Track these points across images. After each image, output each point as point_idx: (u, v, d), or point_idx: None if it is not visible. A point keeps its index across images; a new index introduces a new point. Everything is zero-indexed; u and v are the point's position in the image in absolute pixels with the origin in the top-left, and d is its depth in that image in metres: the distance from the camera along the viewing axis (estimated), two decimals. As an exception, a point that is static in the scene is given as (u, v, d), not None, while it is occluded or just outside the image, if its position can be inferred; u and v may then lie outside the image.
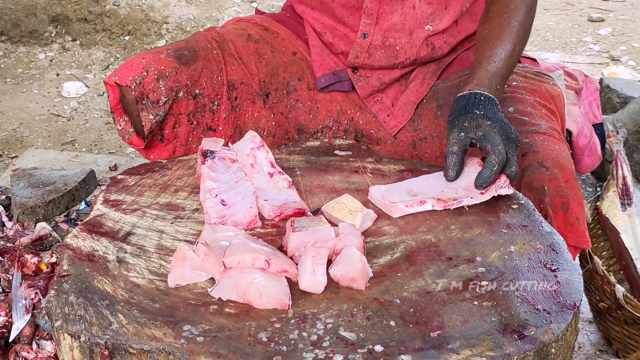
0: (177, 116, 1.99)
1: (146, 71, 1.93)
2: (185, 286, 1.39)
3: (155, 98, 1.94)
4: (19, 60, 4.67)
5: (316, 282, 1.36)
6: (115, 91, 1.95)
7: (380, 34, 2.05)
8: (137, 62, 1.95)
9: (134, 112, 1.95)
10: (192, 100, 2.00)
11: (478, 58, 1.89)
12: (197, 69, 2.00)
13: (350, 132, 2.10)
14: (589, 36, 4.88)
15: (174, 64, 1.97)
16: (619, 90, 3.29)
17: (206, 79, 2.02)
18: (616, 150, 2.41)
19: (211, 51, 2.06)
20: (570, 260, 1.41)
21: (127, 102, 1.95)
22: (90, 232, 1.56)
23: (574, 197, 1.72)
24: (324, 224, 1.48)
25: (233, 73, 2.07)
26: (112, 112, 1.98)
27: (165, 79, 1.94)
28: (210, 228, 1.50)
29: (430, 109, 2.05)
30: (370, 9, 2.04)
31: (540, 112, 1.93)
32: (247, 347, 1.22)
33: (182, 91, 1.97)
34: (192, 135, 2.03)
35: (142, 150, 2.03)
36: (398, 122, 2.07)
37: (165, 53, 1.99)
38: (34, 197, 2.82)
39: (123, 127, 1.97)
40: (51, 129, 3.85)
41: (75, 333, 1.27)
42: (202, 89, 2.01)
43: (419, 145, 2.03)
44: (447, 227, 1.55)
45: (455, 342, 1.21)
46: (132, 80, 1.92)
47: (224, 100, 2.04)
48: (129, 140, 1.99)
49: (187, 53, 2.02)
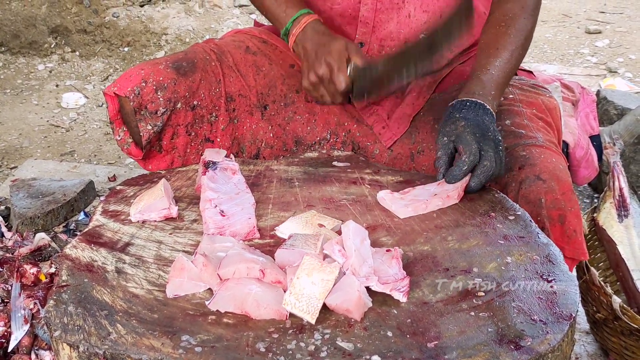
0: (175, 127, 2.00)
1: (145, 82, 1.94)
2: (183, 296, 1.40)
3: (154, 109, 1.95)
4: (19, 71, 4.69)
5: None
6: (115, 102, 1.96)
7: (376, 43, 2.07)
8: (135, 73, 1.97)
9: (132, 123, 1.96)
10: (191, 112, 2.01)
11: (474, 67, 1.92)
12: (195, 80, 2.02)
13: (347, 144, 2.11)
14: (586, 48, 4.90)
15: (173, 75, 1.98)
16: (616, 102, 3.30)
17: (204, 90, 2.03)
18: (613, 162, 2.42)
19: (209, 63, 2.08)
20: (566, 271, 1.42)
21: (125, 112, 1.96)
22: (89, 243, 1.57)
23: (571, 209, 1.73)
24: (316, 246, 1.45)
25: (231, 85, 2.09)
26: (111, 123, 1.99)
27: (163, 90, 1.95)
28: (208, 239, 1.51)
29: (428, 122, 2.06)
30: (367, 17, 2.06)
31: (537, 124, 1.94)
32: (245, 357, 1.22)
33: (180, 102, 1.98)
34: (190, 146, 2.04)
35: (141, 160, 2.04)
36: (393, 134, 2.08)
37: (164, 64, 2.00)
38: (33, 208, 2.83)
39: (122, 137, 1.99)
40: (50, 139, 3.86)
41: (74, 343, 1.27)
42: (200, 100, 2.02)
43: (416, 158, 2.04)
44: (444, 238, 1.55)
45: (452, 352, 1.22)
46: (131, 91, 1.93)
47: (222, 111, 2.05)
48: (128, 150, 2.01)
49: (186, 64, 2.03)
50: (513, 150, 1.82)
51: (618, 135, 2.73)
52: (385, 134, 2.09)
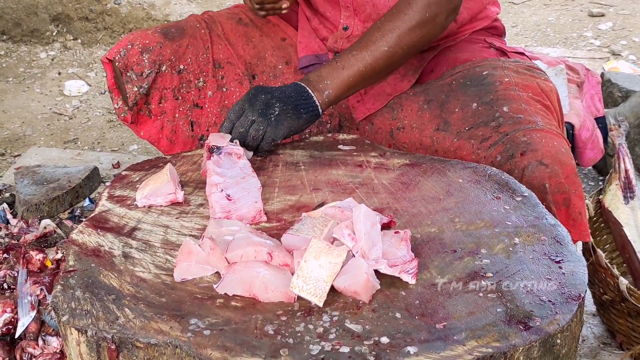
0: (162, 91, 2.07)
1: (131, 44, 2.04)
2: (191, 280, 1.40)
3: (139, 70, 2.03)
4: (21, 59, 4.68)
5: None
6: (111, 70, 2.07)
7: (360, 25, 2.09)
8: (125, 38, 2.07)
9: (122, 86, 2.03)
10: (177, 75, 2.08)
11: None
12: (182, 45, 2.09)
13: (334, 116, 2.15)
14: (590, 31, 4.88)
15: (159, 39, 2.07)
16: (620, 84, 3.29)
17: (191, 55, 2.11)
18: (618, 144, 2.41)
19: (199, 30, 2.16)
20: (574, 252, 1.42)
21: (116, 76, 2.02)
22: (96, 228, 1.57)
23: (575, 192, 1.73)
24: (322, 232, 1.45)
25: (219, 52, 2.14)
26: (110, 92, 2.12)
27: (149, 52, 2.03)
28: (215, 223, 1.51)
29: (416, 101, 2.05)
30: (346, 1, 2.09)
31: (535, 107, 1.92)
32: (253, 339, 1.22)
33: (165, 65, 2.06)
34: (178, 111, 2.10)
35: (133, 125, 2.11)
36: (367, 109, 2.10)
37: (152, 30, 2.10)
38: (38, 195, 2.82)
39: (120, 106, 2.10)
40: (53, 127, 3.86)
41: (82, 328, 1.27)
42: (187, 65, 2.09)
43: (396, 134, 2.04)
44: (451, 220, 1.55)
45: (461, 333, 1.22)
46: (117, 52, 2.02)
47: (209, 77, 2.11)
48: (124, 117, 2.10)
49: (174, 30, 2.12)
50: (513, 136, 1.81)
51: (623, 117, 2.72)
52: (358, 108, 2.11)
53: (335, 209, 1.52)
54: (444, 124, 1.96)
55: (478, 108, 1.92)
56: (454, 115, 1.95)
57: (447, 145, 1.92)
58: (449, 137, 1.93)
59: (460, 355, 1.17)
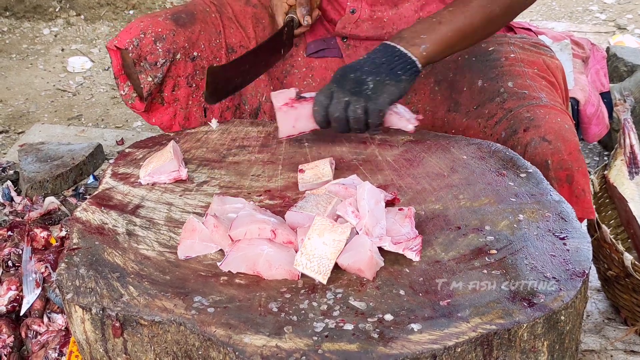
0: (176, 78, 2.03)
1: (144, 34, 1.97)
2: (195, 258, 1.40)
3: (153, 60, 1.97)
4: (24, 35, 4.66)
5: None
6: (118, 56, 2.00)
7: (367, 9, 2.06)
8: (135, 25, 1.99)
9: (133, 75, 1.99)
10: (191, 63, 2.03)
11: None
12: (194, 31, 2.04)
13: None
14: (595, 5, 4.85)
15: (172, 26, 2.01)
16: (626, 58, 3.26)
17: (204, 41, 2.05)
18: (624, 119, 2.40)
19: (209, 14, 2.10)
20: (579, 228, 1.41)
21: (127, 65, 1.99)
22: (100, 205, 1.57)
23: (578, 168, 1.72)
24: (325, 209, 1.43)
25: (231, 36, 2.10)
26: (116, 78, 2.03)
27: (162, 41, 1.97)
28: (219, 200, 1.50)
29: (428, 84, 2.04)
30: None
31: (540, 83, 1.91)
32: (257, 317, 1.22)
33: (179, 53, 2.00)
34: (192, 98, 2.06)
35: (144, 113, 2.07)
36: None
37: (163, 16, 2.03)
38: (42, 172, 2.83)
39: (127, 92, 2.02)
40: (57, 104, 3.85)
41: (86, 305, 1.28)
42: (201, 52, 2.04)
43: None
44: (455, 196, 1.55)
45: (465, 310, 1.22)
46: (130, 42, 1.96)
47: (222, 62, 2.07)
48: (132, 104, 2.03)
49: (185, 16, 2.05)
50: (517, 112, 1.80)
51: (629, 92, 2.70)
52: None
53: (339, 186, 1.51)
54: (455, 105, 1.95)
55: (484, 85, 1.92)
56: (463, 95, 1.94)
57: (457, 126, 1.92)
58: (459, 117, 1.93)
59: (464, 332, 1.17)
